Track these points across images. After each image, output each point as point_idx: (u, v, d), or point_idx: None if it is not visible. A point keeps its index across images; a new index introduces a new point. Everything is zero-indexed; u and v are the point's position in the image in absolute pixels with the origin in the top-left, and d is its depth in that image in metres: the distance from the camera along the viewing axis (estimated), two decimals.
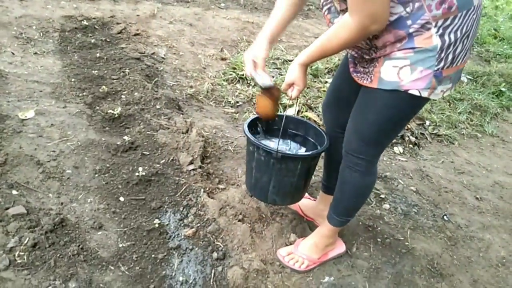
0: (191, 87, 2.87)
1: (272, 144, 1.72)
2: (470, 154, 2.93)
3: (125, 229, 1.71)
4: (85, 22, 3.35)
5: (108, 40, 3.17)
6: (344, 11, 1.25)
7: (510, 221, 2.28)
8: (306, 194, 2.01)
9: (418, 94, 1.26)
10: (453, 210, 2.27)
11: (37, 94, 2.40)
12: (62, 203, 1.74)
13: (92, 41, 3.12)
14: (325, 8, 1.34)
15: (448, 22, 1.17)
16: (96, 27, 3.34)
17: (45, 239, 1.54)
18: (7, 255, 1.46)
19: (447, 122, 3.20)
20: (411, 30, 1.18)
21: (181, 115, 2.40)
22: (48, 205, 1.71)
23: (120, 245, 1.63)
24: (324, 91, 3.11)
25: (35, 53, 2.90)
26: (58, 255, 1.51)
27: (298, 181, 1.64)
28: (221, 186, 1.98)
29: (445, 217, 2.19)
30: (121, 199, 1.83)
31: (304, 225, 1.90)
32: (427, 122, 3.11)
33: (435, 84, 1.25)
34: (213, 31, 3.78)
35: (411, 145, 2.81)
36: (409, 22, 1.18)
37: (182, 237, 1.71)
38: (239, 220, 1.79)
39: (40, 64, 2.78)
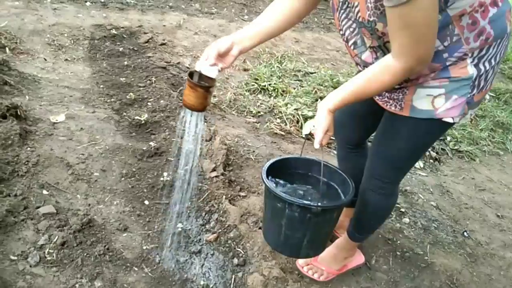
0: (214, 96, 2.93)
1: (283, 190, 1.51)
2: (491, 171, 2.90)
3: (149, 231, 1.76)
4: (113, 31, 3.46)
5: (135, 49, 3.27)
6: (374, 48, 1.22)
7: None
8: None
9: (452, 121, 1.25)
10: (474, 227, 2.25)
11: (68, 99, 2.50)
12: (89, 204, 1.80)
13: (120, 49, 3.22)
14: (351, 42, 1.28)
15: (484, 52, 1.17)
16: (124, 36, 3.45)
17: (73, 238, 1.60)
18: (37, 251, 1.52)
19: (469, 138, 3.18)
20: (447, 63, 1.17)
21: (204, 123, 2.46)
22: (76, 205, 1.77)
23: (144, 247, 1.68)
24: None
25: (66, 60, 3.01)
26: (85, 254, 1.57)
27: (331, 229, 1.56)
28: (242, 194, 2.02)
29: (465, 233, 2.17)
30: (146, 202, 1.89)
31: None
32: (448, 138, 3.10)
33: (467, 110, 1.25)
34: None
35: (431, 160, 2.81)
36: (445, 55, 1.16)
37: (204, 242, 1.75)
38: (259, 228, 1.82)
39: (70, 70, 2.89)
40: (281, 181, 1.56)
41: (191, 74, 1.31)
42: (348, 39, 1.28)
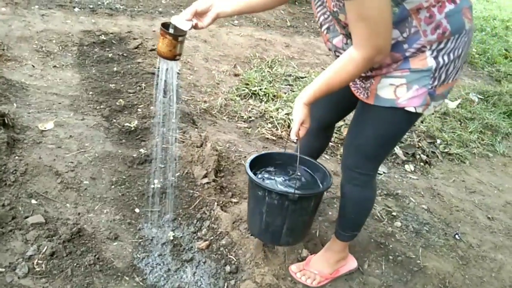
0: (205, 101, 2.92)
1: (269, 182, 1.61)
2: (482, 173, 2.93)
3: (140, 240, 1.74)
4: (103, 37, 3.44)
5: (125, 54, 3.25)
6: (345, 34, 1.30)
7: None
8: None
9: (414, 111, 1.32)
10: (465, 229, 2.26)
11: (56, 106, 2.47)
12: (79, 213, 1.78)
13: (110, 55, 3.20)
14: (324, 27, 1.37)
15: (442, 45, 1.24)
16: (114, 42, 3.43)
17: (62, 248, 1.58)
18: (26, 263, 1.49)
19: (458, 141, 3.20)
20: (407, 54, 1.25)
21: (195, 129, 2.45)
22: (65, 215, 1.75)
23: (135, 256, 1.66)
24: None
25: (55, 66, 2.98)
26: (75, 264, 1.55)
27: (311, 217, 1.63)
28: (234, 200, 2.01)
29: (456, 236, 2.19)
30: (137, 210, 1.87)
31: (316, 241, 1.91)
32: (438, 141, 3.12)
33: (429, 101, 1.32)
34: (227, 47, 3.86)
35: (422, 163, 2.82)
36: (405, 46, 1.24)
37: (196, 249, 1.74)
38: (251, 234, 1.81)
39: (59, 77, 2.86)
40: (266, 174, 1.66)
41: (165, 25, 1.38)
42: (321, 24, 1.38)
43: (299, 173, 1.65)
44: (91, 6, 4.02)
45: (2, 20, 3.27)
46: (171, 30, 1.36)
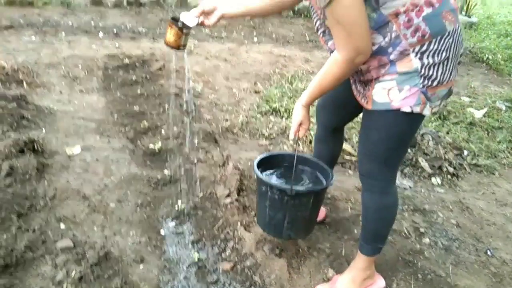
0: (226, 120, 2.95)
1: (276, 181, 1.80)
2: None
3: (165, 262, 1.76)
4: (126, 60, 3.55)
5: (148, 77, 3.34)
6: None
7: None
8: None
9: (410, 111, 1.36)
10: (497, 244, 2.18)
11: (83, 130, 2.55)
12: (106, 236, 1.81)
13: (133, 78, 3.29)
14: (320, 31, 1.46)
15: (425, 47, 1.30)
16: (137, 64, 3.53)
17: (90, 272, 1.61)
18: (56, 287, 1.53)
19: (486, 151, 3.11)
20: (391, 57, 1.32)
21: (217, 148, 2.48)
22: (93, 238, 1.79)
23: (161, 279, 1.68)
24: (358, 121, 3.12)
25: (81, 91, 3.09)
26: None
27: (311, 214, 1.71)
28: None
29: (488, 251, 2.11)
30: (162, 232, 1.89)
31: (341, 260, 1.88)
32: (465, 152, 3.04)
33: (425, 100, 1.35)
34: (247, 65, 3.91)
35: (449, 176, 2.75)
36: (390, 49, 1.31)
37: (221, 271, 1.74)
38: (276, 255, 1.81)
39: (85, 101, 2.96)
40: (274, 175, 1.82)
41: (174, 19, 1.54)
42: (318, 28, 1.47)
43: (296, 172, 1.79)
44: (115, 31, 4.16)
45: (32, 49, 3.43)
46: (179, 24, 1.53)
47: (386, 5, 1.25)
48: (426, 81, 1.33)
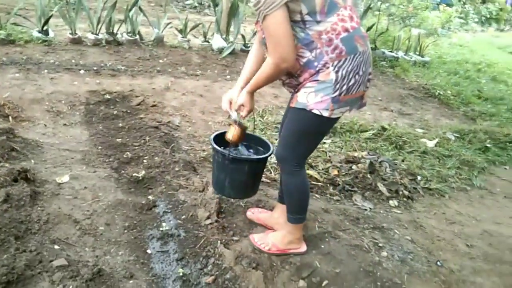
0: (203, 150, 3.19)
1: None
2: (460, 205, 3.18)
3: (153, 278, 1.94)
4: (107, 96, 3.76)
5: (128, 111, 3.55)
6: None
7: (499, 265, 2.48)
8: (264, 209, 2.47)
9: (319, 113, 1.74)
10: (446, 256, 2.48)
11: (69, 161, 2.72)
12: (97, 256, 1.98)
13: (115, 112, 3.50)
14: (263, 43, 1.78)
15: (341, 63, 1.69)
16: (117, 100, 3.75)
17: (86, 287, 1.77)
18: None
19: (438, 176, 3.48)
20: (317, 69, 1.70)
21: (197, 176, 2.70)
22: (85, 257, 1.95)
23: None
24: (322, 151, 3.44)
25: (65, 125, 3.26)
26: None
27: (248, 180, 2.14)
28: (235, 238, 2.23)
29: (438, 262, 2.40)
30: (148, 251, 2.07)
31: (308, 271, 2.11)
32: (419, 177, 3.39)
33: (333, 107, 1.73)
34: (221, 100, 4.18)
35: (405, 199, 3.07)
36: (315, 63, 1.70)
37: (203, 284, 1.94)
38: (253, 268, 2.02)
39: (69, 134, 3.13)
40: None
41: (235, 121, 2.04)
42: (263, 42, 1.78)
43: (251, 147, 2.29)
44: (95, 68, 4.38)
45: (16, 85, 3.59)
46: (240, 125, 2.03)
47: (311, 27, 1.65)
48: (338, 91, 1.71)
